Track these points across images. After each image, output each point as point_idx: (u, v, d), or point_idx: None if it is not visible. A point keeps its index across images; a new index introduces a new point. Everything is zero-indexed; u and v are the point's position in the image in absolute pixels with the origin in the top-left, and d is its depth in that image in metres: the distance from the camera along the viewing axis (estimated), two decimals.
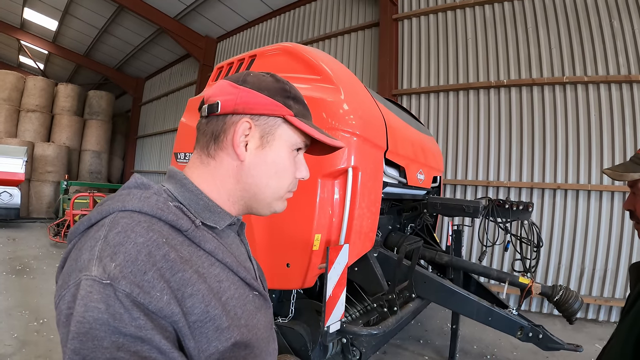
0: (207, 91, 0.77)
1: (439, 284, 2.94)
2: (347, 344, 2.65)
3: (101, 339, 0.50)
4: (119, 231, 0.58)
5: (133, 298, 0.53)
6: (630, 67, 5.18)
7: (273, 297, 2.82)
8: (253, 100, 0.74)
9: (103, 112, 14.80)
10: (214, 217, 0.73)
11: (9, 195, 9.55)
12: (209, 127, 0.76)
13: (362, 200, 2.54)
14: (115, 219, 0.61)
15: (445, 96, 6.72)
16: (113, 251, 0.55)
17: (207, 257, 0.67)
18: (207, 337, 0.61)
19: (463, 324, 4.27)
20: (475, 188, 6.23)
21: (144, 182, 0.71)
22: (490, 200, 3.40)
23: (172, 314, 0.56)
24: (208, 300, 0.62)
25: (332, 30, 8.54)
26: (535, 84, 5.77)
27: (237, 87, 0.75)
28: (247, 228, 2.65)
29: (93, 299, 0.51)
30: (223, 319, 0.63)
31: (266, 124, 0.75)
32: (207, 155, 0.76)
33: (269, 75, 0.79)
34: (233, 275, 0.71)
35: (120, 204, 0.63)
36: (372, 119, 2.75)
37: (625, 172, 1.12)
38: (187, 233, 0.66)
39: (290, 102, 0.77)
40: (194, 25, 11.40)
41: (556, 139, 5.60)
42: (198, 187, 0.74)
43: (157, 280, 0.56)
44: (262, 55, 3.23)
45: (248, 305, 0.72)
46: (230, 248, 0.76)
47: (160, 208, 0.64)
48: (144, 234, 0.59)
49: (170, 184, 0.74)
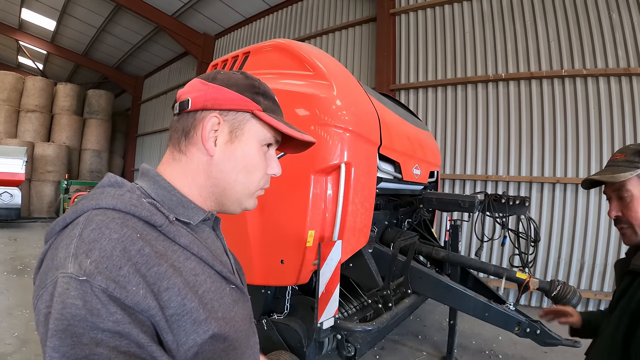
0: (181, 90, 0.79)
1: (435, 279, 2.93)
2: (342, 340, 2.65)
3: (80, 335, 0.50)
4: (93, 228, 0.59)
5: (109, 293, 0.53)
6: (629, 60, 5.14)
7: (268, 293, 2.82)
8: (221, 96, 0.75)
9: (102, 111, 14.83)
10: (188, 213, 0.74)
11: (10, 196, 9.59)
12: (180, 123, 0.77)
13: (356, 195, 2.53)
14: (89, 216, 0.61)
15: (444, 90, 6.69)
16: (88, 248, 0.56)
17: (182, 251, 0.68)
18: (184, 330, 0.62)
19: (462, 319, 4.26)
20: (474, 183, 6.21)
21: (117, 181, 0.72)
22: (487, 195, 3.38)
23: (149, 308, 0.57)
24: (184, 294, 0.62)
25: (330, 25, 8.52)
26: (534, 78, 5.74)
27: (206, 84, 0.76)
28: (241, 224, 2.65)
29: (70, 295, 0.52)
30: (200, 311, 0.64)
31: (235, 119, 0.77)
32: (179, 151, 0.77)
33: (239, 73, 0.81)
34: (209, 269, 0.71)
35: (94, 202, 0.64)
36: (365, 115, 2.73)
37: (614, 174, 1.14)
38: (161, 228, 0.66)
39: (259, 98, 0.79)
40: (192, 23, 11.38)
41: (555, 132, 5.57)
42: (171, 184, 0.75)
43: (132, 275, 0.56)
44: (256, 52, 3.22)
45: (225, 299, 0.72)
46: (206, 243, 0.77)
47: (134, 204, 0.65)
48: (119, 230, 0.59)
49: (143, 182, 0.75)
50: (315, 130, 2.48)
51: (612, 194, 1.18)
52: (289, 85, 2.70)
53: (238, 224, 2.67)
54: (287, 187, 2.50)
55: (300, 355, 2.63)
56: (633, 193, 1.12)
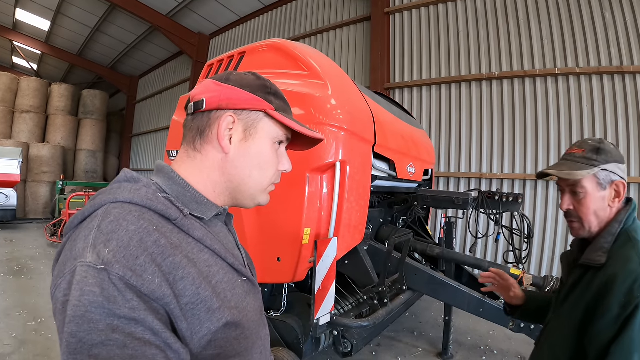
0: (193, 90, 0.82)
1: (430, 276, 2.97)
2: (338, 336, 2.68)
3: (97, 321, 0.52)
4: (111, 220, 0.61)
5: (126, 281, 0.55)
6: (622, 58, 5.18)
7: (265, 291, 2.85)
8: (236, 96, 0.78)
9: (97, 111, 14.76)
10: (201, 208, 0.77)
11: (5, 197, 9.53)
12: (195, 123, 0.80)
13: (351, 193, 2.56)
14: (107, 209, 0.64)
15: (438, 89, 6.74)
16: (106, 238, 0.58)
17: (196, 243, 0.70)
18: (199, 318, 0.63)
19: (457, 315, 4.31)
20: (469, 180, 6.26)
21: (133, 176, 0.74)
22: (481, 192, 3.42)
23: (164, 296, 0.59)
24: (199, 283, 0.64)
25: (325, 24, 8.55)
26: (527, 76, 5.79)
27: (220, 85, 0.79)
28: (238, 223, 2.67)
29: (88, 283, 0.54)
30: (214, 300, 0.66)
31: (249, 118, 0.80)
32: (194, 149, 0.80)
33: (250, 74, 0.84)
34: (221, 261, 0.74)
35: (111, 197, 0.66)
36: (359, 114, 2.77)
37: (571, 170, 1.16)
38: (176, 222, 0.69)
39: (271, 98, 0.82)
40: (186, 22, 11.37)
41: (548, 130, 5.63)
42: (185, 180, 0.77)
43: (149, 264, 0.58)
44: (251, 52, 3.24)
45: (237, 289, 0.75)
46: (218, 237, 0.80)
47: (150, 199, 0.68)
48: (136, 222, 0.62)
49: (158, 178, 0.78)
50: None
51: (567, 187, 1.21)
52: (285, 85, 2.72)
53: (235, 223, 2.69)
54: (283, 185, 2.51)
55: (297, 351, 2.66)
56: (587, 190, 1.15)
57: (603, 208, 1.15)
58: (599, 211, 1.15)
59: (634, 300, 0.95)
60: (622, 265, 1.02)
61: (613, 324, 0.97)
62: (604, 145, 1.16)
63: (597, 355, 0.99)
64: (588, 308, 1.05)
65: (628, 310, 0.95)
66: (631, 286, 0.97)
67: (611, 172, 1.13)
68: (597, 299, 1.03)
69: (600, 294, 1.02)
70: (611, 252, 1.09)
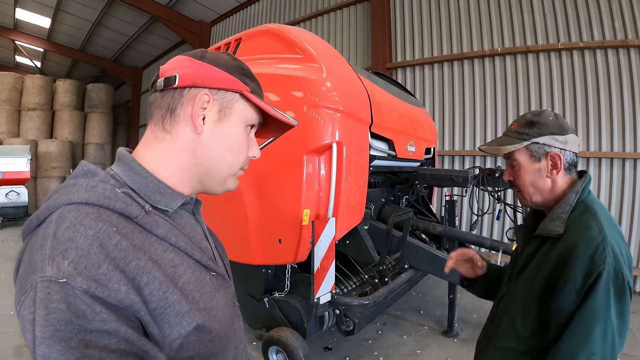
0: (164, 66, 0.77)
1: (431, 254, 3.00)
2: (340, 315, 2.73)
3: (68, 339, 0.49)
4: (67, 226, 0.57)
5: (92, 293, 0.52)
6: (627, 32, 5.05)
7: (269, 272, 2.91)
8: (212, 74, 0.74)
9: (103, 105, 14.82)
10: (165, 200, 0.72)
11: (17, 194, 9.69)
12: (165, 100, 0.74)
13: (349, 174, 2.59)
14: (62, 213, 0.59)
15: (440, 67, 6.66)
16: (64, 248, 0.54)
17: (159, 242, 0.67)
18: (169, 322, 0.62)
19: (463, 294, 4.32)
20: (473, 158, 6.22)
21: (90, 169, 0.69)
22: (481, 170, 3.42)
23: (133, 304, 0.56)
24: (165, 287, 0.62)
25: (324, 6, 8.44)
26: (530, 52, 5.69)
27: (195, 62, 0.75)
28: (239, 207, 2.72)
29: (53, 299, 0.50)
30: (183, 304, 0.64)
31: (224, 98, 0.76)
32: (162, 129, 0.75)
33: (225, 54, 0.81)
34: (188, 259, 0.71)
35: (66, 197, 0.62)
36: (355, 95, 2.77)
37: (500, 145, 1.21)
38: (137, 220, 0.65)
39: (246, 80, 0.79)
40: (186, 11, 11.29)
41: (553, 105, 5.55)
42: (147, 169, 0.73)
43: (112, 272, 0.55)
44: (248, 38, 3.25)
45: (206, 287, 0.72)
46: (184, 230, 0.75)
47: (108, 197, 0.63)
48: (94, 226, 0.57)
49: (118, 168, 0.73)
50: (307, 112, 2.53)
51: (506, 160, 1.24)
52: (281, 69, 2.74)
53: (236, 207, 2.74)
54: (281, 168, 2.57)
55: (301, 331, 2.72)
56: (520, 162, 1.18)
57: (541, 178, 1.16)
58: (536, 182, 1.17)
59: (596, 269, 0.94)
60: (582, 234, 1.02)
61: (576, 294, 0.96)
62: (540, 118, 1.16)
63: (559, 325, 0.98)
64: (549, 279, 1.04)
65: (590, 280, 0.94)
66: (593, 255, 0.96)
67: (544, 145, 1.14)
68: (558, 269, 1.02)
69: (561, 264, 1.01)
70: (569, 222, 1.08)
